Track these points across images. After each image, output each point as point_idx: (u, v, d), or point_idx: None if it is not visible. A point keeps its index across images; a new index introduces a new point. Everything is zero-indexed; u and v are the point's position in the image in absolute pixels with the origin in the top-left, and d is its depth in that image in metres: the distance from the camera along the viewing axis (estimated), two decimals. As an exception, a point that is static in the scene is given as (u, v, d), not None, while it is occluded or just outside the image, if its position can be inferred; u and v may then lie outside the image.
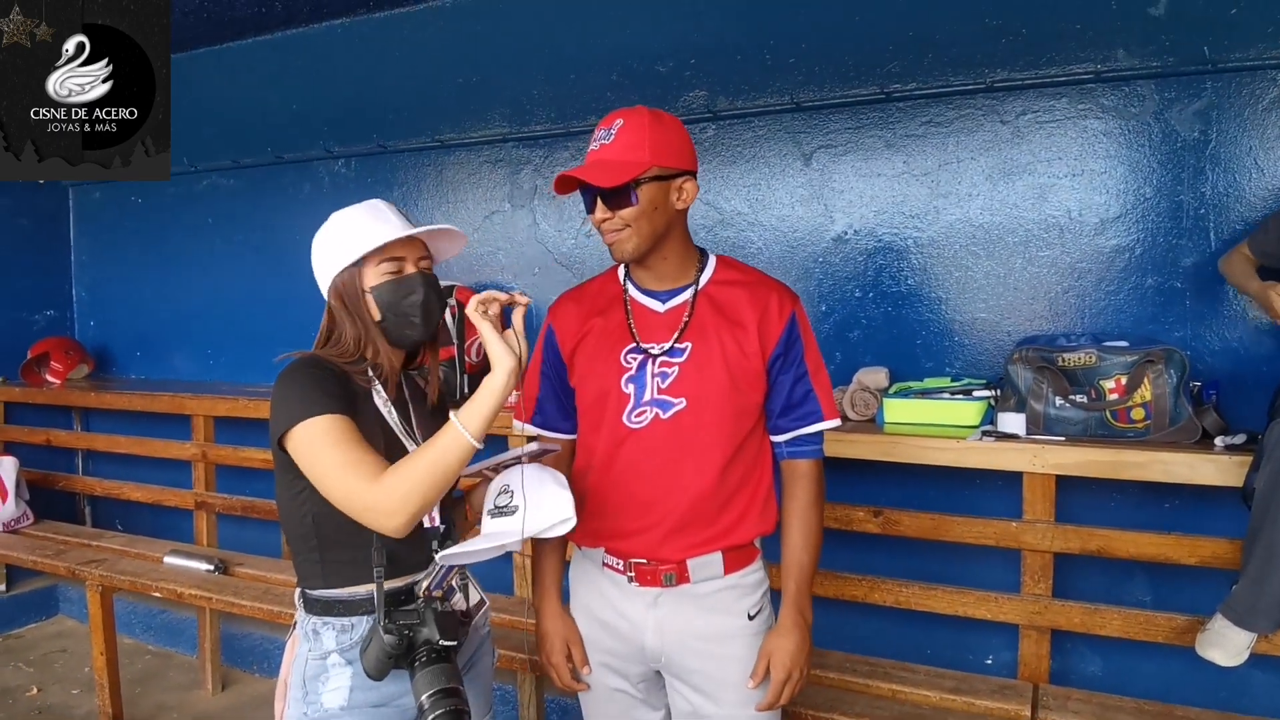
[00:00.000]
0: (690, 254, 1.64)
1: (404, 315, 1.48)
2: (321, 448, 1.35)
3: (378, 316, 1.48)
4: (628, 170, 1.50)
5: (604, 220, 1.54)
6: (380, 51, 3.68)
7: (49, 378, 4.31)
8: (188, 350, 4.40)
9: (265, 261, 3.96)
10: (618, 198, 1.51)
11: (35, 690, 3.52)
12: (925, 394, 2.53)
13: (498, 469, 1.52)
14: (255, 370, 4.01)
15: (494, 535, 1.40)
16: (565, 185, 1.56)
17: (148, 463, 4.10)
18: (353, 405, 1.42)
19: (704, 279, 1.64)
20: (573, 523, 1.41)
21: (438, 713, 1.32)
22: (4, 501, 3.77)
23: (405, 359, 1.58)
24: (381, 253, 1.46)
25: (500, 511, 1.41)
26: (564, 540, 1.77)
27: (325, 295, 1.50)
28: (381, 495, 1.31)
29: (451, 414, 1.35)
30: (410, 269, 1.50)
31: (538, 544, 1.74)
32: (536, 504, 1.40)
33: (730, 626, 1.63)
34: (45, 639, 4.05)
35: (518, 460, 1.48)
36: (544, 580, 1.75)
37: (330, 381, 1.41)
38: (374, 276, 1.47)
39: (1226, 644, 2.00)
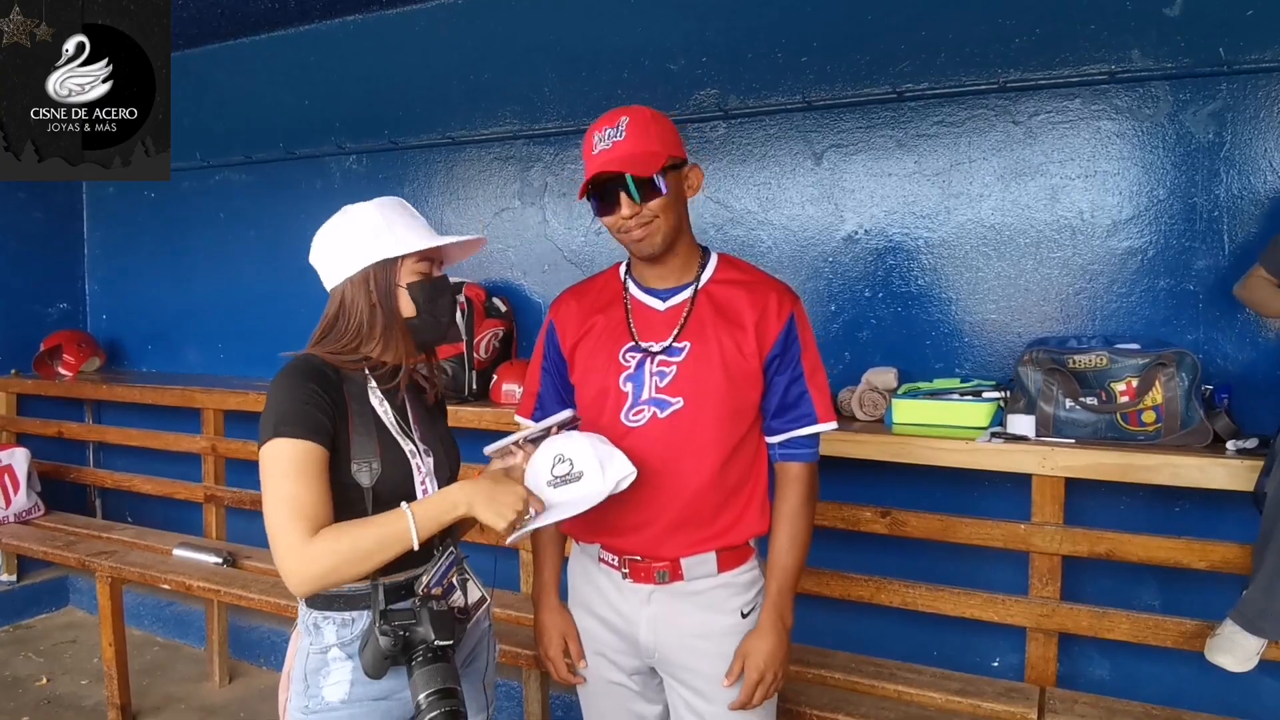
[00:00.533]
0: (694, 251, 1.65)
1: (436, 316, 1.50)
2: (278, 475, 1.34)
3: (409, 314, 1.47)
4: (654, 160, 1.49)
5: (633, 215, 1.51)
6: (392, 48, 3.69)
7: (61, 370, 4.34)
8: (199, 344, 4.42)
9: (276, 256, 3.96)
10: (648, 189, 1.50)
11: (45, 680, 3.54)
12: (934, 395, 2.51)
13: (523, 444, 1.52)
14: (265, 364, 3.96)
15: (564, 505, 1.43)
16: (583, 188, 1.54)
17: (158, 456, 4.12)
18: (344, 415, 1.41)
19: (705, 277, 1.63)
20: (635, 475, 1.44)
21: (435, 713, 1.32)
22: (16, 493, 3.80)
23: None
24: (419, 251, 1.46)
25: (564, 480, 1.43)
26: (563, 536, 1.78)
27: (336, 283, 1.47)
28: (303, 559, 1.31)
29: (406, 506, 1.35)
30: (437, 271, 1.52)
31: (537, 539, 1.75)
32: (602, 465, 1.42)
33: (722, 624, 1.63)
34: (55, 629, 4.08)
35: (547, 432, 1.50)
36: (543, 575, 1.76)
37: (320, 396, 1.39)
38: (409, 274, 1.47)
39: (1236, 649, 1.99)
